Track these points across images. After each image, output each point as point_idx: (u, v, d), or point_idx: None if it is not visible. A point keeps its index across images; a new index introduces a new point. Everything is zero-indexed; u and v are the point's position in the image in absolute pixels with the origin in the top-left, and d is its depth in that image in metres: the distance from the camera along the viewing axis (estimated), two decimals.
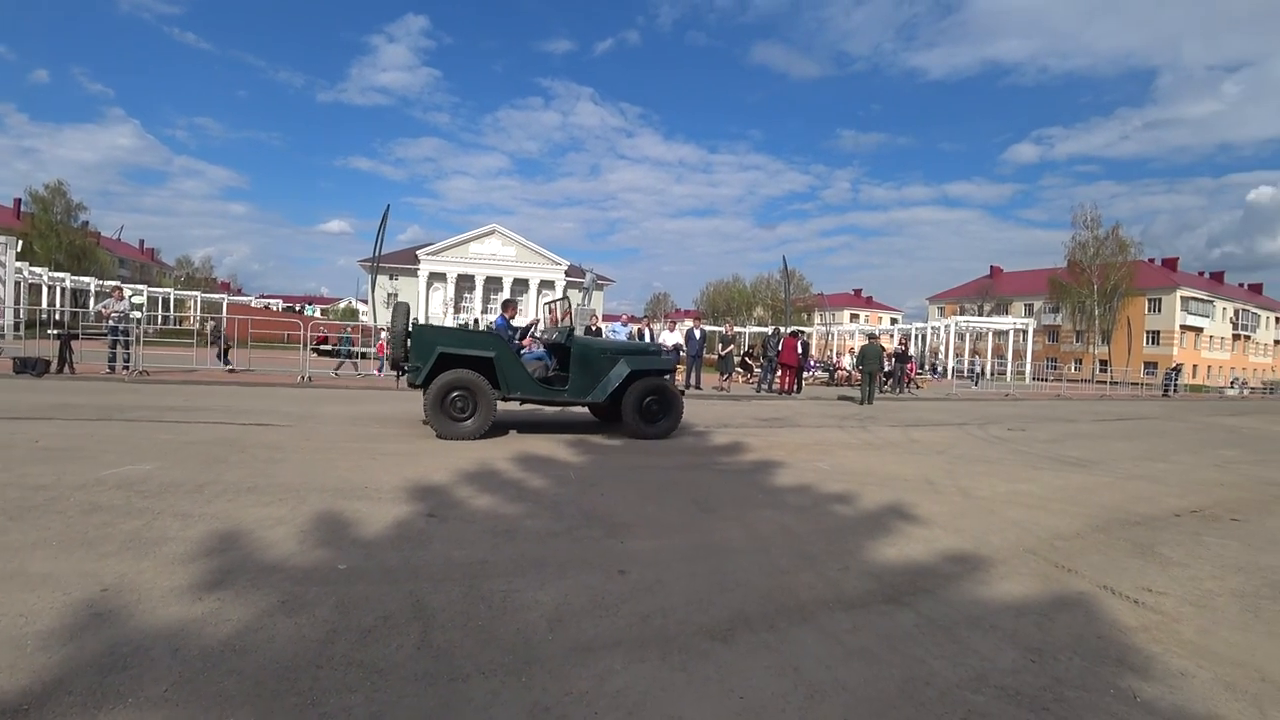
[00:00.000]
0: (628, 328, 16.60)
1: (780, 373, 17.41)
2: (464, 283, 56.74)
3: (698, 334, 17.22)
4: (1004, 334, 42.40)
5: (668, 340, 16.42)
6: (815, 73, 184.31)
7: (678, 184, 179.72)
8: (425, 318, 48.81)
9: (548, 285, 58.00)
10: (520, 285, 58.12)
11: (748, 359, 23.24)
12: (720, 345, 17.94)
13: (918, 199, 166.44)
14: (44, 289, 34.25)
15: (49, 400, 8.71)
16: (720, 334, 19.02)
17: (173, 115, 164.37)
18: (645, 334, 15.81)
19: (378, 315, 29.65)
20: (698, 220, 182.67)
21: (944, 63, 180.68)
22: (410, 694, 2.07)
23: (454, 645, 2.41)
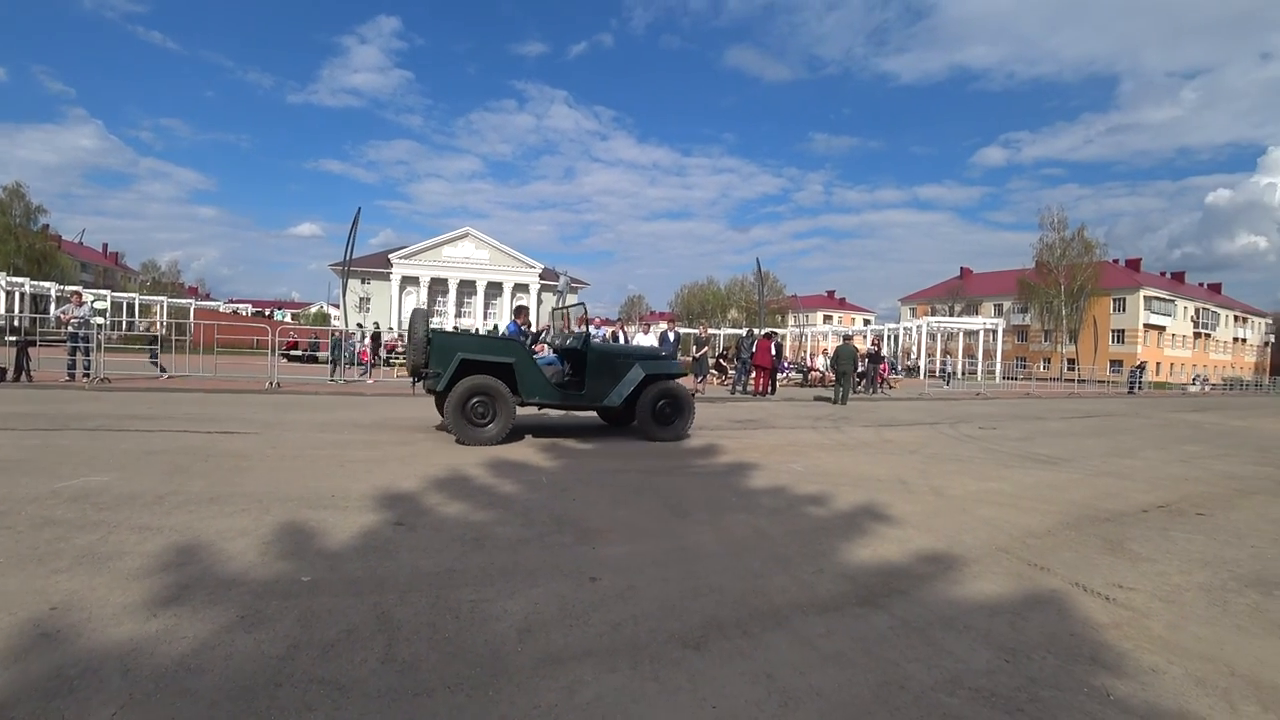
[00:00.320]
0: (601, 330, 16.56)
1: (754, 374, 17.49)
2: (437, 286, 56.33)
3: (672, 336, 17.24)
4: (974, 334, 43.19)
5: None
6: (788, 76, 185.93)
7: (652, 187, 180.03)
8: (397, 323, 48.36)
9: (522, 289, 57.84)
10: (494, 289, 57.88)
11: (722, 361, 23.31)
12: (695, 348, 17.95)
13: (889, 201, 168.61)
14: (1, 294, 33.29)
15: (3, 410, 8.41)
16: (695, 336, 19.02)
17: (138, 116, 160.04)
18: (620, 336, 15.78)
19: (349, 319, 29.30)
20: (672, 223, 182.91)
21: (914, 68, 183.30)
22: (373, 711, 2.00)
23: (419, 658, 2.33)
